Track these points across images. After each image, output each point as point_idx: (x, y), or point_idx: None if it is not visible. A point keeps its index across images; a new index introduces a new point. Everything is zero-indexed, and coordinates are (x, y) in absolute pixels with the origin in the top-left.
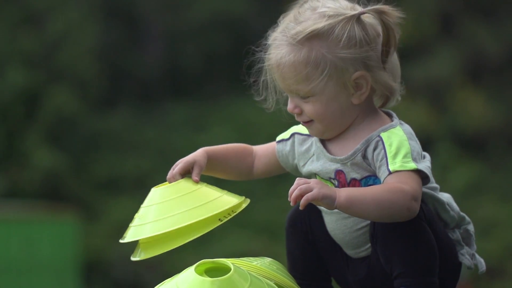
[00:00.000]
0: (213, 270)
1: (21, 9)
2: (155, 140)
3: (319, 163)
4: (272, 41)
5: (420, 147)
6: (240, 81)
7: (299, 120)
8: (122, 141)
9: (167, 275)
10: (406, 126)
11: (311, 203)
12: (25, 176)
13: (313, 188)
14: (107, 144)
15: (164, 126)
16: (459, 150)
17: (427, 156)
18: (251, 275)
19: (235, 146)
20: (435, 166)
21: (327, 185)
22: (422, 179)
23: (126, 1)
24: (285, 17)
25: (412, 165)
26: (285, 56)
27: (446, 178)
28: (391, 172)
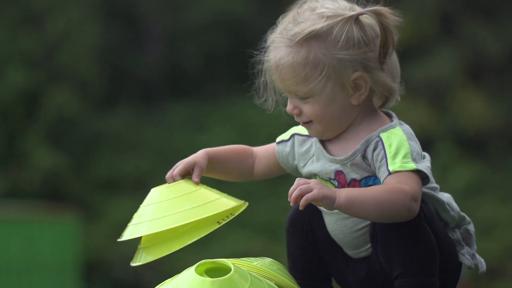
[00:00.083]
0: (214, 270)
1: (21, 9)
2: (155, 140)
3: (319, 164)
4: (271, 42)
5: (420, 147)
6: (240, 82)
7: (299, 121)
8: (122, 141)
9: (167, 275)
10: (406, 126)
11: (311, 204)
12: (25, 176)
13: (313, 189)
14: (107, 144)
15: (164, 126)
16: (459, 150)
17: (427, 156)
18: (252, 275)
19: (236, 148)
20: (435, 166)
21: (327, 186)
22: (422, 179)
23: (126, 1)
24: (284, 18)
25: (412, 166)
26: (284, 57)
27: (446, 178)
28: (391, 173)
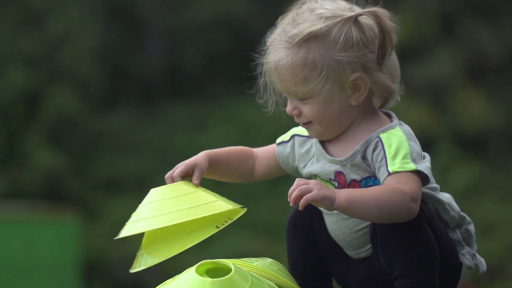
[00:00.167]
0: (214, 271)
1: (22, 9)
2: (156, 141)
3: (319, 165)
4: (270, 44)
5: (420, 148)
6: (240, 82)
7: (298, 122)
8: (123, 142)
9: (168, 276)
10: (406, 127)
11: (311, 204)
12: (26, 176)
13: (313, 189)
14: (108, 145)
15: (165, 127)
16: (460, 150)
17: (427, 157)
18: (252, 276)
19: (236, 149)
20: (436, 167)
21: (327, 186)
22: (422, 180)
23: (127, 2)
24: (283, 19)
25: (412, 166)
26: (283, 59)
27: (447, 178)
28: (391, 173)
